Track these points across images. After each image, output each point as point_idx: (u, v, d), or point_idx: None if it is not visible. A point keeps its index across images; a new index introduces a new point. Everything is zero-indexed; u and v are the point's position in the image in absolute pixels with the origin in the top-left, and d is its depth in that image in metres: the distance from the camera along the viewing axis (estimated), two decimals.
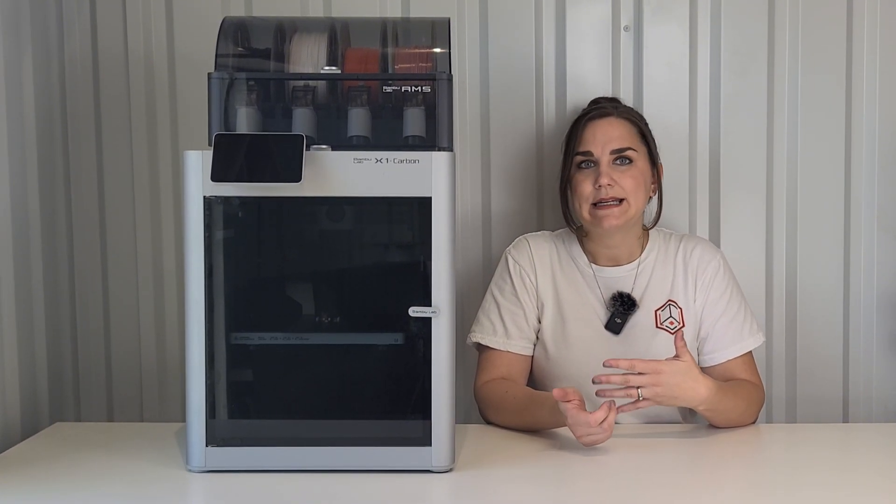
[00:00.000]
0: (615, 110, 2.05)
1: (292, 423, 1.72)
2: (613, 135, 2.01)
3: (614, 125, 2.02)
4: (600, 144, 2.00)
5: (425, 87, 1.70)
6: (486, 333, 2.05)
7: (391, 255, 1.75)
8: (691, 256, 2.06)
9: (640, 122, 2.06)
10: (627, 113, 2.06)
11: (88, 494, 1.61)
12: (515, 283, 2.07)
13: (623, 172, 1.99)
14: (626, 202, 1.98)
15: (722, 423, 1.95)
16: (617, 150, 2.00)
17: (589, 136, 2.02)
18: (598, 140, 2.00)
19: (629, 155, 2.00)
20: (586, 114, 2.06)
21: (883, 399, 2.36)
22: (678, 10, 2.31)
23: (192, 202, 1.65)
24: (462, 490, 1.63)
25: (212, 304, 1.67)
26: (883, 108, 2.31)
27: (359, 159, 1.64)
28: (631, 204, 1.99)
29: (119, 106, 2.32)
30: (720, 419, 1.94)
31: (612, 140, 2.00)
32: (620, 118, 2.04)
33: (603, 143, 2.00)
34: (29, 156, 2.11)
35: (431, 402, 1.67)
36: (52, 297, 2.22)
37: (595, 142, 2.00)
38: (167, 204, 2.34)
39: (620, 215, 1.98)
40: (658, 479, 1.70)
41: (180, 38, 2.30)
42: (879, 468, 1.75)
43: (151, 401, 2.38)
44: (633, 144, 2.01)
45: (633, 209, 1.99)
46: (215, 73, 1.71)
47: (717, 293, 2.04)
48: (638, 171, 2.00)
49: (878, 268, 2.34)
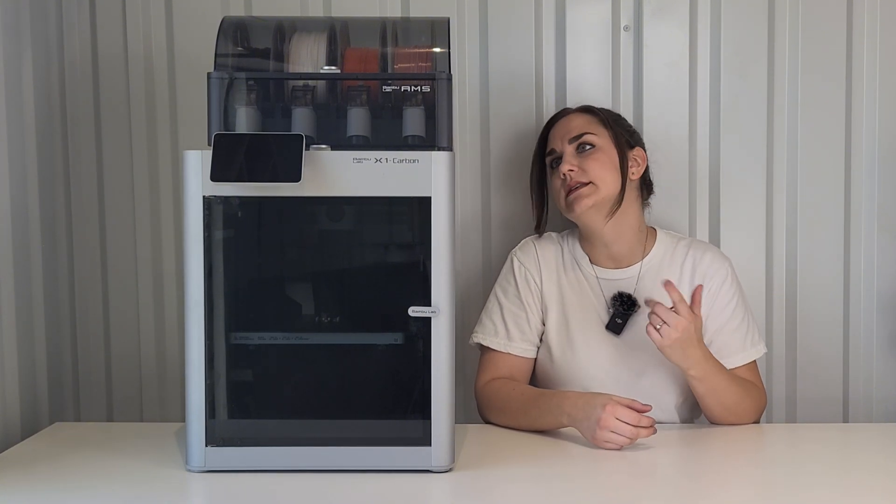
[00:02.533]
0: (574, 108, 2.12)
1: (292, 423, 1.72)
2: (572, 125, 2.06)
3: (571, 118, 2.08)
4: (559, 138, 2.06)
5: (425, 86, 1.71)
6: (488, 334, 2.05)
7: (391, 254, 1.75)
8: (701, 262, 2.06)
9: (602, 112, 2.10)
10: (587, 107, 2.11)
11: (88, 494, 1.61)
12: (520, 285, 2.07)
13: (585, 157, 2.02)
14: (593, 184, 2.00)
15: (717, 409, 1.94)
16: (574, 136, 2.04)
17: (553, 136, 2.09)
18: (557, 135, 2.07)
19: (588, 140, 2.03)
20: (549, 120, 2.14)
21: (883, 399, 2.36)
22: (678, 10, 2.31)
23: (191, 202, 1.65)
24: (462, 490, 1.63)
25: (211, 304, 1.67)
26: (883, 108, 2.31)
27: (358, 159, 1.64)
28: (598, 185, 2.00)
29: (119, 106, 2.32)
30: (713, 401, 1.92)
31: (570, 130, 2.05)
32: (578, 112, 2.10)
33: (562, 136, 2.06)
34: (29, 156, 2.11)
35: (431, 402, 1.67)
36: (52, 297, 2.22)
37: (556, 137, 2.07)
38: (167, 204, 2.34)
39: (589, 195, 1.99)
40: (658, 479, 1.70)
41: (180, 39, 2.30)
42: (879, 468, 1.75)
43: (151, 401, 2.38)
44: (590, 129, 2.05)
45: (602, 190, 2.00)
46: (215, 73, 1.71)
47: (723, 301, 2.04)
48: (602, 154, 2.02)
49: (878, 268, 2.33)
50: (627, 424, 1.76)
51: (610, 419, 1.77)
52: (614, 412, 1.77)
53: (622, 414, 1.77)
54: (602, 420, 1.77)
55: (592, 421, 1.79)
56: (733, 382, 1.93)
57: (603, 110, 2.11)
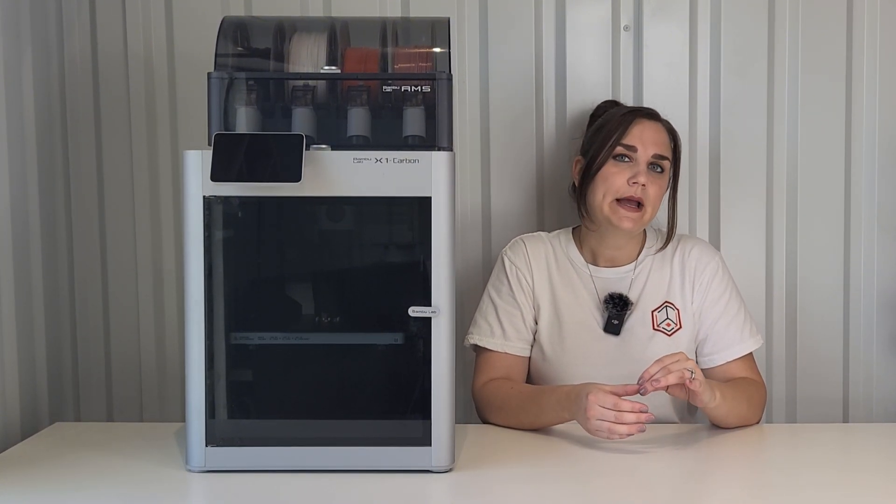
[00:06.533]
0: (661, 118, 2.08)
1: (292, 423, 1.72)
2: (659, 139, 2.03)
3: (660, 131, 2.05)
4: (647, 143, 2.01)
5: (425, 86, 1.70)
6: (484, 335, 2.05)
7: (391, 254, 1.75)
8: (689, 257, 2.06)
9: (677, 138, 2.09)
10: (669, 126, 2.08)
11: (88, 494, 1.61)
12: (512, 284, 2.07)
13: (653, 179, 2.00)
14: (645, 209, 1.99)
15: (733, 421, 1.94)
16: (658, 155, 2.01)
17: (637, 132, 2.02)
18: (645, 139, 2.01)
19: (663, 164, 2.02)
20: (634, 110, 2.07)
21: (883, 399, 2.36)
22: (678, 10, 2.31)
23: (191, 202, 1.65)
24: (462, 490, 1.63)
25: (211, 304, 1.67)
26: (883, 108, 2.31)
27: (358, 159, 1.64)
28: (648, 211, 2.00)
29: (119, 106, 2.32)
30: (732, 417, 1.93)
31: (657, 144, 2.02)
32: (664, 127, 2.06)
33: (649, 143, 2.01)
34: (29, 156, 2.11)
35: (431, 402, 1.66)
36: (52, 297, 2.22)
37: (642, 140, 2.01)
38: (167, 204, 2.34)
39: (637, 220, 1.99)
40: (658, 479, 1.70)
41: (180, 38, 2.30)
42: (879, 468, 1.75)
43: (151, 401, 2.38)
44: (668, 155, 2.04)
45: (647, 216, 2.01)
46: (215, 73, 1.71)
47: (715, 295, 2.04)
48: (664, 182, 2.03)
49: (878, 268, 2.34)
50: (610, 410, 1.75)
51: (594, 407, 1.76)
52: (596, 399, 1.76)
53: (603, 400, 1.76)
54: (587, 409, 1.77)
55: (582, 411, 1.78)
56: (738, 400, 1.92)
57: (676, 134, 2.08)
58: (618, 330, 2.02)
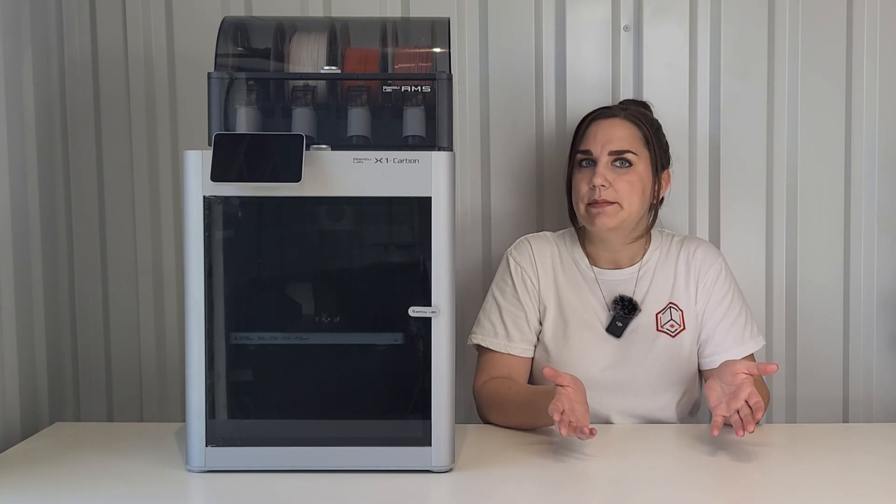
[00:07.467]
0: (623, 111, 2.03)
1: (292, 423, 1.72)
2: (615, 136, 1.99)
3: (618, 126, 2.01)
4: (600, 144, 1.99)
5: (425, 86, 1.70)
6: (487, 335, 2.05)
7: (391, 255, 1.75)
8: (693, 258, 2.05)
9: (649, 127, 2.03)
10: (636, 116, 2.03)
11: (88, 494, 1.61)
12: (517, 284, 2.06)
13: (620, 175, 1.98)
14: (619, 205, 1.97)
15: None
16: (615, 151, 1.98)
17: (591, 135, 2.01)
18: (598, 140, 1.99)
19: (628, 158, 1.98)
20: (593, 113, 2.05)
21: (883, 399, 2.36)
22: (678, 10, 2.31)
23: (191, 202, 1.65)
24: (462, 490, 1.63)
25: (211, 304, 1.67)
26: (883, 109, 2.31)
27: (358, 159, 1.64)
28: (624, 207, 1.97)
29: (119, 106, 2.32)
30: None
31: (613, 141, 1.99)
32: (626, 120, 2.01)
33: (603, 143, 1.99)
34: (29, 156, 2.11)
35: (431, 402, 1.66)
36: (52, 297, 2.22)
37: (595, 141, 2.00)
38: (167, 204, 2.34)
39: (613, 215, 1.97)
40: (657, 479, 1.70)
41: (180, 38, 2.30)
42: (879, 468, 1.75)
43: (151, 401, 2.38)
44: (633, 148, 1.99)
45: (626, 213, 1.97)
46: (215, 73, 1.71)
47: (718, 296, 2.04)
48: (636, 176, 1.98)
49: (878, 268, 2.34)
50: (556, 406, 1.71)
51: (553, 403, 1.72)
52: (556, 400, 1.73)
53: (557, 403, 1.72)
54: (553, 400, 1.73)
55: None
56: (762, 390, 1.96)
57: (648, 123, 2.03)
58: (620, 332, 2.02)
